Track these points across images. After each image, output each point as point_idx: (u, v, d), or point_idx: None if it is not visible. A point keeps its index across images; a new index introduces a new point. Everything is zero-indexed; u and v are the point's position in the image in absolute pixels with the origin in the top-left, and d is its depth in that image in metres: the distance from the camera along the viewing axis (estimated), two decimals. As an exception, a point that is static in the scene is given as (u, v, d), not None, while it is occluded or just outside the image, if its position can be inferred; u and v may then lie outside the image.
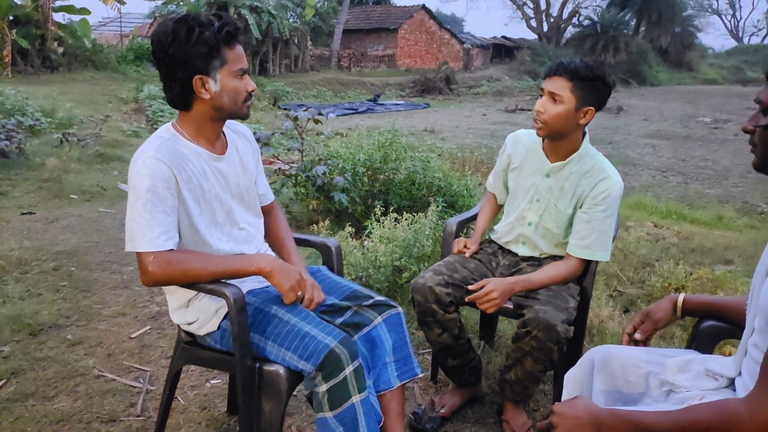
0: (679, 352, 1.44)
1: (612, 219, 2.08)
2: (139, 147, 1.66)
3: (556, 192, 2.13)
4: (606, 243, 2.09)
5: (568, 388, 1.50)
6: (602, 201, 2.05)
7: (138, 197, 1.57)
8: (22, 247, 3.86)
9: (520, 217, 2.22)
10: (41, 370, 2.45)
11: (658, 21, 32.50)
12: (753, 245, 4.51)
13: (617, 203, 2.09)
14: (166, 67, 1.62)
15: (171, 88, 1.65)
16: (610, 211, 2.06)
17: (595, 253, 2.08)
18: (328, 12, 27.44)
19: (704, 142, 11.32)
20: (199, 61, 1.59)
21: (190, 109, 1.67)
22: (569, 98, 1.97)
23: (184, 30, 1.58)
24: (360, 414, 1.59)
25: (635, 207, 5.65)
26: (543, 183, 2.15)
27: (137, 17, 23.73)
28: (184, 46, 1.58)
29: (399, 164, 4.42)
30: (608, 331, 2.85)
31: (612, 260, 3.91)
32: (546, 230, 2.17)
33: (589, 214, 2.06)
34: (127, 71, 16.84)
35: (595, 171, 2.07)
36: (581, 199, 2.09)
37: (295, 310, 1.68)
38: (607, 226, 2.07)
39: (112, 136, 8.52)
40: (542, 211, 2.16)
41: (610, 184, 2.05)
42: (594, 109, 2.01)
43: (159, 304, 3.15)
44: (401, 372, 1.83)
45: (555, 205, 2.13)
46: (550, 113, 1.99)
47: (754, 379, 1.10)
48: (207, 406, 2.27)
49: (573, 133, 2.05)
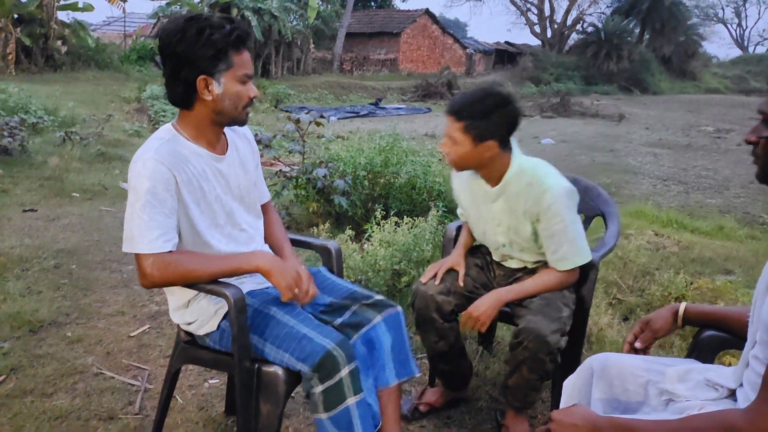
0: (679, 362, 1.44)
1: (574, 224, 1.99)
2: (139, 148, 1.66)
3: (509, 213, 2.05)
4: (579, 248, 2.01)
5: (567, 396, 1.50)
6: (553, 215, 1.95)
7: (137, 198, 1.57)
8: (23, 245, 3.87)
9: (494, 242, 2.17)
10: (40, 367, 2.46)
11: (662, 29, 32.52)
12: (754, 256, 4.51)
13: (571, 207, 1.98)
14: (171, 64, 1.62)
15: (174, 86, 1.65)
16: (567, 219, 1.96)
17: (574, 260, 2.01)
18: (331, 15, 27.49)
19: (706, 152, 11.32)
20: (205, 62, 1.59)
21: (191, 109, 1.67)
22: (462, 139, 1.89)
23: (194, 29, 1.58)
24: (355, 417, 1.60)
25: (635, 215, 5.65)
26: (494, 207, 2.08)
27: (141, 17, 23.76)
28: (192, 45, 1.57)
29: (400, 168, 4.43)
30: (607, 339, 2.85)
31: (612, 268, 3.91)
32: (522, 246, 2.10)
33: (549, 230, 1.98)
34: (129, 71, 16.87)
35: (534, 186, 1.96)
36: (533, 216, 1.99)
37: (293, 311, 1.69)
38: (572, 233, 1.98)
39: (114, 135, 8.53)
40: (507, 231, 2.09)
41: (552, 196, 1.93)
42: (496, 142, 1.90)
43: (158, 304, 3.15)
44: (399, 371, 1.84)
45: (516, 226, 2.06)
46: (452, 155, 1.94)
47: (756, 391, 1.10)
48: (205, 406, 2.27)
49: (492, 161, 1.95)
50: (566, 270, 2.03)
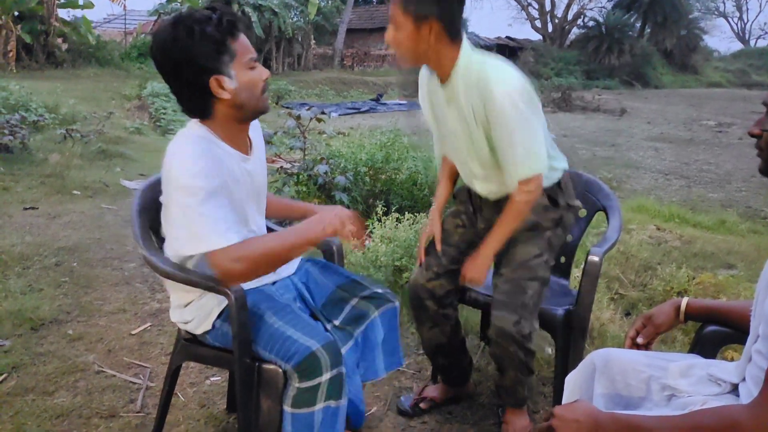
0: (681, 357, 1.44)
1: (528, 125, 1.78)
2: (175, 145, 1.56)
3: (460, 121, 1.87)
4: (534, 153, 1.80)
5: (569, 391, 1.49)
6: (504, 120, 1.75)
7: (192, 195, 1.48)
8: (24, 243, 3.87)
9: (468, 172, 2.01)
10: (42, 365, 2.46)
11: (664, 23, 32.40)
12: (756, 250, 4.50)
13: (523, 107, 1.76)
14: (174, 75, 1.55)
15: (187, 97, 1.58)
16: (518, 120, 1.76)
17: (529, 165, 1.80)
18: (332, 11, 27.43)
19: (708, 146, 11.29)
20: (209, 61, 1.52)
21: (212, 116, 1.60)
22: (403, 21, 1.73)
23: (183, 32, 1.50)
24: (317, 422, 1.57)
25: (637, 210, 5.63)
26: (449, 115, 1.90)
27: (141, 14, 23.72)
28: (188, 48, 1.50)
29: (401, 164, 4.42)
30: (609, 334, 2.84)
31: (613, 263, 3.89)
32: (484, 158, 1.91)
33: (500, 136, 1.80)
34: (130, 68, 16.88)
35: (480, 87, 1.77)
36: (484, 121, 1.81)
37: (282, 311, 1.66)
38: (527, 135, 1.78)
39: (115, 132, 8.53)
40: (470, 149, 1.92)
41: (501, 100, 1.73)
42: (437, 20, 1.71)
43: (159, 301, 3.15)
44: (387, 363, 1.88)
45: (473, 140, 1.88)
46: (394, 42, 1.78)
47: (758, 386, 1.10)
48: (206, 404, 2.27)
49: (438, 49, 1.76)
50: (523, 181, 1.83)
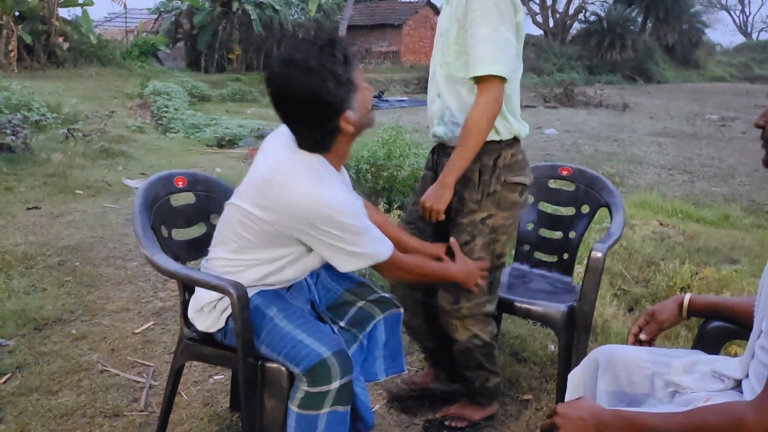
0: (684, 353, 1.43)
1: (500, 26, 1.72)
2: (302, 183, 1.51)
3: (450, 14, 1.82)
4: (500, 53, 1.72)
5: (572, 388, 1.49)
6: (477, 14, 1.71)
7: (350, 230, 1.53)
8: (27, 242, 3.87)
9: (432, 74, 1.96)
10: (45, 364, 2.46)
11: (666, 18, 32.30)
12: (759, 244, 4.49)
13: (502, 7, 1.72)
14: (301, 119, 1.52)
15: (310, 136, 1.54)
16: (491, 18, 1.70)
17: (492, 66, 1.72)
18: (333, 8, 27.38)
19: (711, 140, 11.26)
20: (342, 103, 1.49)
21: (331, 149, 1.57)
22: None
23: (312, 74, 1.45)
24: (321, 424, 1.57)
25: (640, 205, 5.62)
26: (445, 10, 1.87)
27: (142, 13, 23.73)
28: (317, 92, 1.45)
29: (403, 161, 4.42)
30: (612, 330, 2.84)
31: (616, 259, 3.89)
32: (448, 63, 1.86)
33: (471, 33, 1.74)
34: (132, 67, 16.86)
35: None
36: (461, 17, 1.77)
37: (293, 315, 1.65)
38: (495, 35, 1.71)
39: (117, 131, 8.53)
40: (444, 42, 1.87)
41: None
42: None
43: (162, 300, 3.15)
44: (388, 366, 1.87)
45: (447, 31, 1.83)
46: None
47: (762, 382, 1.09)
48: (210, 402, 2.27)
49: None
50: (482, 84, 1.75)
